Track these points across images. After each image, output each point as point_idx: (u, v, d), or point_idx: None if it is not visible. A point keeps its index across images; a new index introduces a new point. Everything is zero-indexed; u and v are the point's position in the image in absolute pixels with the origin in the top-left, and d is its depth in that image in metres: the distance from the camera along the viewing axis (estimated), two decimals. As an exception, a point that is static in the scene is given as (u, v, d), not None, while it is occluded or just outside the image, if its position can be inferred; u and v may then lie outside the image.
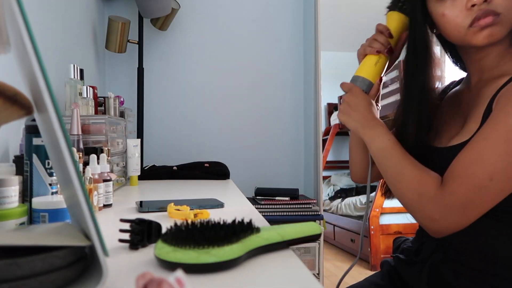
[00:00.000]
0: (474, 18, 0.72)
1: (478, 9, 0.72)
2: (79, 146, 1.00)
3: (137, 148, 1.52)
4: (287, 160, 2.41)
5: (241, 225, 0.56)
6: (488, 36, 0.73)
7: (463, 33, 0.75)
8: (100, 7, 2.18)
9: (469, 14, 0.73)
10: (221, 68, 2.37)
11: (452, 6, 0.75)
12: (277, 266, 0.52)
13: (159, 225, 0.62)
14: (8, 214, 0.61)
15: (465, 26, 0.74)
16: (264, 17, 2.41)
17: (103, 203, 0.97)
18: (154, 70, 2.31)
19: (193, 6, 2.34)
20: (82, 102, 1.32)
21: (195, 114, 2.34)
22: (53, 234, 0.49)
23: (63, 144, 0.40)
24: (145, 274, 0.32)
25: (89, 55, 1.95)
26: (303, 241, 0.63)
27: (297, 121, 2.42)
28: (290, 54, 2.42)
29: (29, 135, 0.74)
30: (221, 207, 0.99)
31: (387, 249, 3.15)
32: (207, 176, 1.80)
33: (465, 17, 0.73)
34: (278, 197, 2.10)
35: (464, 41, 0.77)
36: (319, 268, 2.04)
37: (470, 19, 0.73)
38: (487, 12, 0.71)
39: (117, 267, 0.51)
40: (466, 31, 0.74)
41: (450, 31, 0.77)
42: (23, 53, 0.40)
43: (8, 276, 0.37)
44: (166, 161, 2.13)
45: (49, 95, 0.39)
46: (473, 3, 0.71)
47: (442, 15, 0.76)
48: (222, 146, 2.34)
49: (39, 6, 1.29)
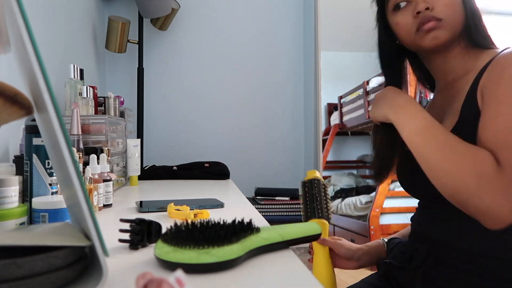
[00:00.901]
0: (419, 24, 0.81)
1: (423, 16, 0.81)
2: (79, 146, 1.00)
3: (137, 148, 1.52)
4: (287, 160, 2.40)
5: (241, 225, 0.55)
6: (433, 39, 0.81)
7: (412, 37, 0.84)
8: (100, 7, 2.18)
9: (416, 21, 0.82)
10: (221, 68, 2.36)
11: (402, 15, 0.85)
12: (277, 266, 0.52)
13: (159, 225, 0.62)
14: (8, 214, 0.61)
15: (413, 31, 0.83)
16: (264, 17, 2.41)
17: (103, 203, 0.97)
18: (154, 70, 2.31)
19: (193, 6, 2.34)
20: (82, 102, 1.32)
21: (195, 114, 2.34)
22: (53, 234, 0.49)
23: (63, 144, 0.40)
24: (145, 274, 0.32)
25: (89, 55, 1.95)
26: (303, 241, 0.63)
27: (297, 121, 2.42)
28: (290, 54, 2.42)
29: (29, 135, 0.74)
30: (221, 207, 0.99)
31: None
32: (207, 176, 1.80)
33: (413, 23, 0.83)
34: (278, 197, 2.10)
35: (415, 45, 0.85)
36: (319, 268, 2.04)
37: (416, 24, 0.82)
38: (429, 18, 0.80)
39: (117, 267, 0.51)
40: (415, 35, 0.83)
41: (403, 37, 0.87)
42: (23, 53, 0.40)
43: (8, 276, 0.37)
44: (166, 161, 2.13)
45: (49, 95, 0.39)
46: (418, 10, 0.81)
47: (396, 24, 0.86)
48: (222, 146, 2.34)
49: (39, 7, 1.29)
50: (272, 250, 0.57)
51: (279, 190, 2.16)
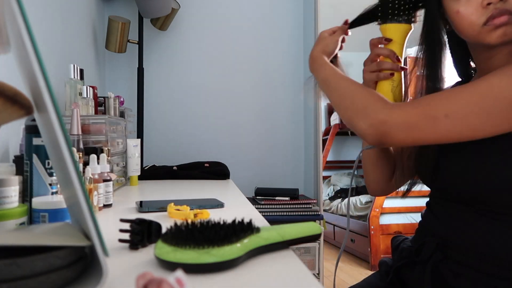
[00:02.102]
0: (489, 17, 0.72)
1: (494, 8, 0.72)
2: (79, 146, 1.00)
3: (137, 148, 1.52)
4: (287, 160, 2.40)
5: (241, 225, 0.55)
6: (502, 35, 0.73)
7: (476, 31, 0.75)
8: (100, 7, 2.18)
9: (484, 12, 0.73)
10: (221, 68, 2.37)
11: (467, 4, 0.75)
12: (277, 266, 0.52)
13: (159, 225, 0.62)
14: (8, 214, 0.61)
15: (480, 24, 0.74)
16: (264, 17, 2.41)
17: (103, 203, 0.97)
18: (154, 70, 2.31)
19: (193, 6, 2.34)
20: (82, 102, 1.32)
21: (195, 114, 2.34)
22: (53, 234, 0.49)
23: (63, 144, 0.40)
24: (145, 274, 0.32)
25: (89, 55, 1.95)
26: (303, 241, 0.63)
27: (297, 121, 2.42)
28: (290, 54, 2.42)
29: (29, 135, 0.74)
30: (221, 207, 0.99)
31: (387, 249, 3.15)
32: (207, 176, 1.80)
33: (480, 15, 0.73)
34: (278, 197, 2.10)
35: (477, 39, 0.76)
36: (319, 268, 2.04)
37: (485, 17, 0.73)
38: (503, 11, 0.71)
39: (117, 267, 0.51)
40: (480, 29, 0.74)
41: (463, 29, 0.77)
42: (23, 53, 0.40)
43: (8, 276, 0.37)
44: (166, 161, 2.13)
45: (49, 95, 0.39)
46: (489, 1, 0.72)
47: (456, 12, 0.76)
48: (222, 146, 2.34)
49: (39, 6, 1.29)
50: (272, 250, 0.57)
51: (279, 190, 2.16)
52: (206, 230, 0.53)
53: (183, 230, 0.53)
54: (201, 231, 0.52)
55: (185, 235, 0.51)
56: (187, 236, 0.50)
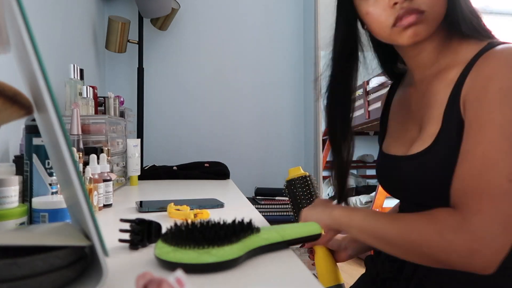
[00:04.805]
0: (396, 17, 0.68)
1: (400, 8, 0.67)
2: (79, 146, 1.00)
3: (137, 148, 1.52)
4: (287, 160, 2.40)
5: (241, 225, 0.55)
6: (413, 36, 0.68)
7: (387, 33, 0.71)
8: (100, 7, 2.18)
9: (392, 13, 0.68)
10: (221, 68, 2.37)
11: (375, 4, 0.70)
12: (277, 266, 0.52)
13: (159, 225, 0.62)
14: (8, 214, 0.61)
15: (389, 25, 0.69)
16: (264, 17, 2.41)
17: (103, 203, 0.97)
18: (154, 70, 2.31)
19: (193, 6, 2.34)
20: (82, 102, 1.32)
21: (195, 114, 2.34)
22: (53, 234, 0.49)
23: (63, 144, 0.40)
24: (145, 274, 0.32)
25: (89, 55, 1.95)
26: (303, 241, 0.63)
27: (297, 121, 2.42)
28: (290, 54, 2.42)
29: (29, 135, 0.74)
30: (221, 207, 0.99)
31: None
32: (207, 176, 1.80)
33: (388, 16, 0.69)
34: (278, 197, 2.10)
35: (390, 40, 0.73)
36: (319, 268, 2.04)
37: (392, 18, 0.68)
38: (410, 11, 0.67)
39: (117, 267, 0.51)
40: (390, 30, 0.70)
41: (375, 30, 0.73)
42: (23, 53, 0.40)
43: (8, 276, 0.37)
44: (166, 161, 2.13)
45: (49, 95, 0.39)
46: (395, 1, 0.67)
47: (366, 13, 0.72)
48: (222, 146, 2.34)
49: (39, 6, 1.29)
50: (272, 250, 0.57)
51: (279, 190, 2.16)
52: (206, 230, 0.53)
53: (183, 230, 0.53)
54: (201, 231, 0.52)
55: (185, 235, 0.51)
56: (187, 236, 0.50)
